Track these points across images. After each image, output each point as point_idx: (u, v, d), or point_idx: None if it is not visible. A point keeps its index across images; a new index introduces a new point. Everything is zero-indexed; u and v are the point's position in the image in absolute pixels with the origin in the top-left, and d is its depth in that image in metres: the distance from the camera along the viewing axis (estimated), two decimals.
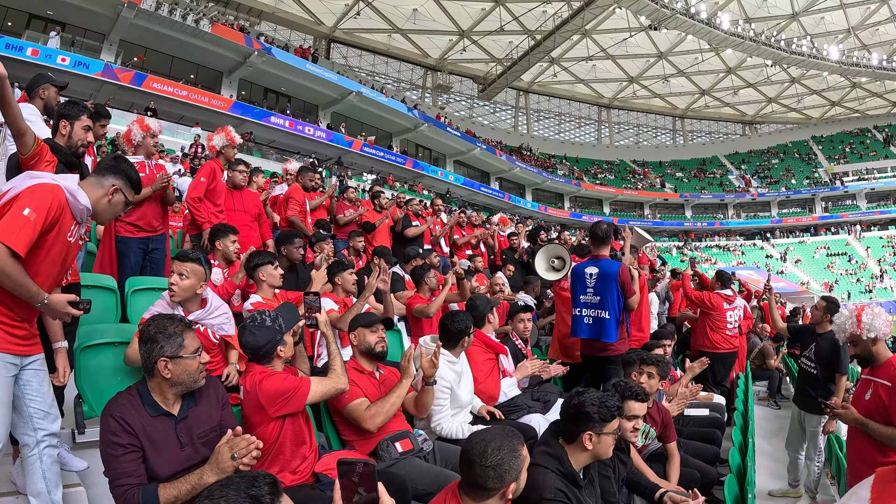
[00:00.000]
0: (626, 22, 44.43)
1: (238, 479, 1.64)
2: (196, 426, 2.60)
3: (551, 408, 4.69)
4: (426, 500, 3.03)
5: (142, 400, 2.50)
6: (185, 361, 2.52)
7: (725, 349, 7.56)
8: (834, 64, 46.96)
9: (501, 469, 2.19)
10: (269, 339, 3.03)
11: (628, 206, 56.37)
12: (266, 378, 2.94)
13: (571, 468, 2.76)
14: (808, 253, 50.85)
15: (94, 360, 3.63)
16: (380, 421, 3.38)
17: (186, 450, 2.53)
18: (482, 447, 2.23)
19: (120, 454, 2.36)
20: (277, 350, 3.07)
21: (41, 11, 26.98)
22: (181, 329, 2.56)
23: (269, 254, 4.75)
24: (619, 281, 5.26)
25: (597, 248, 5.50)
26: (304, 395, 2.99)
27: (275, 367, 3.09)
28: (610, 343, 5.27)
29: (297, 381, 3.02)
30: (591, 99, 58.76)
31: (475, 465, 2.22)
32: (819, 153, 57.78)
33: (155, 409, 2.50)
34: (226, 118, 28.34)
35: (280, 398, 2.91)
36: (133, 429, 2.40)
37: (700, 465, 4.44)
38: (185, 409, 2.59)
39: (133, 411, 2.44)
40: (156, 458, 2.43)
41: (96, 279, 4.78)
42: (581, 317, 5.44)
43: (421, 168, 40.39)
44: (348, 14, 42.07)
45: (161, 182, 5.27)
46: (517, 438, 2.29)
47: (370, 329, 3.70)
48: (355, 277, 5.29)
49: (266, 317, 3.10)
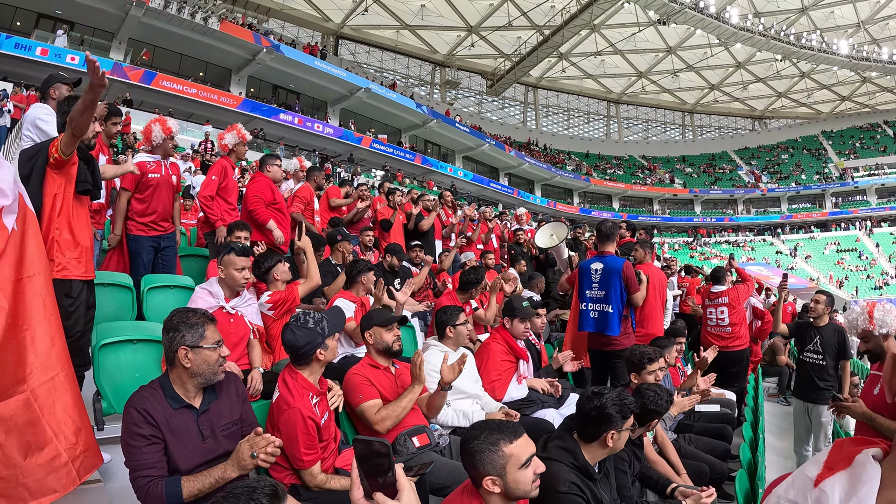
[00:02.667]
0: (634, 17, 44.31)
1: (239, 492, 1.65)
2: (217, 419, 2.62)
3: (565, 402, 4.75)
4: (443, 494, 3.07)
5: (164, 392, 2.53)
6: (205, 352, 2.55)
7: (721, 347, 7.40)
8: (844, 58, 46.67)
9: (474, 458, 2.23)
10: (309, 341, 3.02)
11: (637, 202, 56.25)
12: (290, 415, 2.89)
13: (585, 461, 2.78)
14: (818, 249, 50.56)
15: (112, 357, 3.67)
16: (389, 424, 3.40)
17: (208, 442, 2.55)
18: (468, 434, 2.30)
19: (142, 445, 2.37)
20: (317, 353, 3.05)
21: (49, 11, 27.09)
22: (203, 321, 2.61)
23: (274, 254, 4.86)
24: (622, 276, 5.39)
25: (602, 244, 5.66)
26: (313, 462, 2.95)
27: (313, 371, 3.09)
28: (613, 337, 5.39)
29: (315, 447, 2.96)
30: (599, 94, 58.58)
31: (461, 451, 2.31)
32: (829, 148, 57.43)
33: (177, 401, 2.53)
34: (235, 115, 28.45)
35: (289, 443, 2.87)
36: (156, 420, 2.42)
37: (710, 460, 4.47)
38: (206, 402, 2.62)
39: (155, 403, 2.47)
40: (178, 450, 2.44)
41: (112, 277, 4.84)
42: (587, 311, 5.59)
43: (430, 164, 40.40)
44: (356, 10, 42.13)
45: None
46: (503, 434, 2.28)
47: (386, 328, 3.72)
48: (373, 276, 5.31)
49: (310, 318, 3.09)
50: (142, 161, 5.42)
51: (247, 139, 6.39)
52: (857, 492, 0.91)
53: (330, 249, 6.45)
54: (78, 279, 3.34)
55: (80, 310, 3.32)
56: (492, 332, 5.08)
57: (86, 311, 3.38)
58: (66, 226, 3.30)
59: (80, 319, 3.31)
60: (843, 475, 0.95)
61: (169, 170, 5.56)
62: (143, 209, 5.38)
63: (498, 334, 4.87)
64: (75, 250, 3.33)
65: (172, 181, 5.59)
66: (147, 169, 5.39)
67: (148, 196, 5.39)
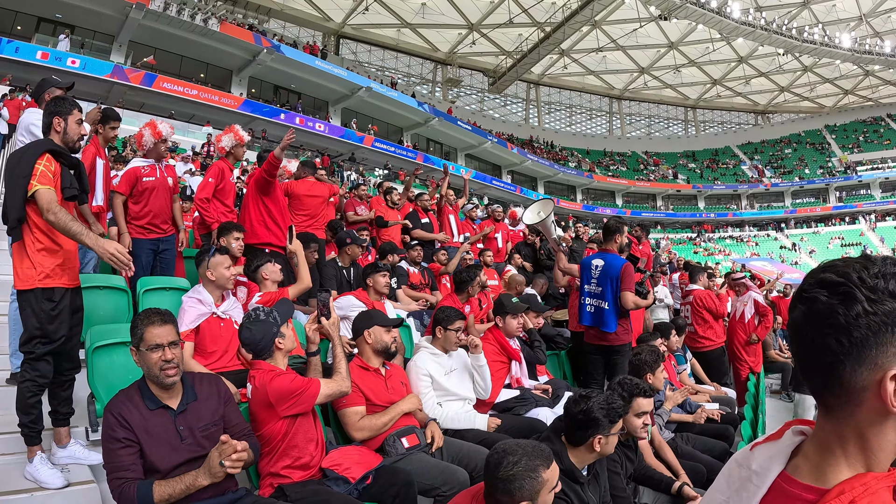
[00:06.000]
0: (635, 12, 44.14)
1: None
2: (196, 420, 2.68)
3: (560, 401, 4.73)
4: (432, 495, 3.08)
5: (141, 394, 2.63)
6: (146, 353, 2.62)
7: (695, 348, 7.56)
8: (846, 52, 46.49)
9: (512, 485, 2.17)
10: (265, 333, 3.12)
11: (641, 198, 56.16)
12: (276, 377, 2.99)
13: (571, 464, 2.78)
14: (823, 243, 50.26)
15: (106, 360, 3.71)
16: (367, 436, 3.43)
17: (187, 442, 2.61)
18: (499, 458, 2.23)
19: (117, 448, 2.46)
20: (276, 342, 3.15)
21: (50, 15, 27.19)
22: (145, 323, 2.68)
23: (263, 254, 4.93)
24: (619, 274, 5.46)
25: (606, 242, 5.77)
26: (312, 396, 3.04)
27: (277, 361, 3.16)
28: (609, 332, 5.45)
29: (306, 381, 3.07)
30: (601, 90, 58.47)
31: (490, 474, 2.23)
32: (832, 142, 57.22)
33: (153, 401, 2.62)
34: (236, 116, 28.50)
35: (289, 398, 2.96)
36: (130, 424, 2.51)
37: (706, 460, 4.47)
38: (184, 402, 2.70)
39: (132, 406, 2.56)
40: (154, 451, 2.52)
41: (107, 280, 4.85)
42: (585, 305, 5.66)
43: (432, 162, 40.27)
44: (357, 10, 42.07)
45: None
46: (542, 459, 2.26)
47: (386, 329, 3.75)
48: (387, 280, 5.39)
49: (260, 312, 3.19)
50: (136, 166, 5.44)
51: (244, 141, 6.37)
52: (772, 457, 1.01)
53: (337, 251, 6.50)
54: (60, 287, 3.35)
55: (64, 314, 3.31)
56: (484, 332, 5.08)
57: (70, 315, 3.38)
58: (47, 233, 3.29)
59: (63, 324, 3.31)
60: (771, 443, 1.04)
61: (164, 172, 5.56)
62: (139, 212, 5.40)
63: (490, 334, 4.88)
64: (58, 257, 3.33)
65: (168, 183, 5.59)
66: (141, 173, 5.40)
67: (144, 199, 5.40)
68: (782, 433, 1.04)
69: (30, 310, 3.24)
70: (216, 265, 3.99)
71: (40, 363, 3.23)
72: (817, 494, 0.93)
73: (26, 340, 3.23)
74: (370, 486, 3.02)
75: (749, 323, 7.97)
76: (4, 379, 4.16)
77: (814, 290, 0.94)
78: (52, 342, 3.26)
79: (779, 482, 0.98)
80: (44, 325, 3.24)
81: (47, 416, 3.44)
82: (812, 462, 0.97)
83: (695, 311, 7.72)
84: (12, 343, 4.16)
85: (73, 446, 3.49)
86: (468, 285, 5.98)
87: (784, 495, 0.97)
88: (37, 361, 3.22)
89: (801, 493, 0.95)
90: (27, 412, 3.22)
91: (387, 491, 2.99)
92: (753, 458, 1.04)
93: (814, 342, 0.94)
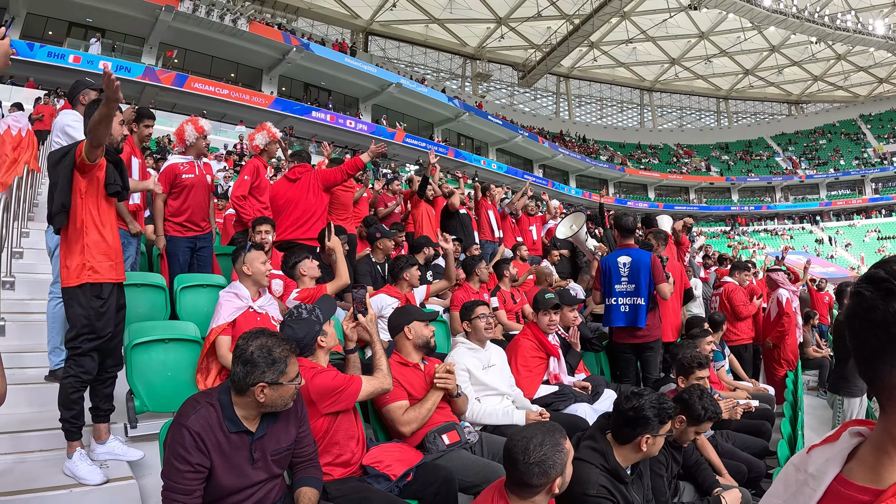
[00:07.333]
0: (665, 2, 43.71)
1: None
2: (274, 443, 2.56)
3: (599, 397, 4.72)
4: (473, 493, 3.05)
5: (223, 412, 2.45)
6: (284, 388, 2.47)
7: (733, 341, 7.43)
8: (880, 39, 45.54)
9: (545, 465, 2.20)
10: (308, 331, 3.12)
11: (673, 191, 55.54)
12: (317, 374, 3.00)
13: (616, 463, 2.75)
14: (859, 236, 49.27)
15: (144, 357, 3.76)
16: (415, 427, 3.42)
17: (257, 466, 2.51)
18: (524, 444, 2.24)
19: (185, 471, 2.31)
20: (318, 341, 3.15)
21: (80, 19, 27.69)
22: (286, 354, 2.49)
23: (302, 249, 4.99)
24: (650, 268, 5.44)
25: (624, 238, 5.77)
26: (354, 394, 3.04)
27: (319, 359, 3.17)
28: (642, 329, 5.44)
29: (348, 379, 3.07)
30: (632, 82, 57.90)
31: (519, 462, 2.23)
32: (868, 132, 55.97)
33: (235, 424, 2.45)
34: (267, 115, 28.56)
35: (331, 395, 2.96)
36: (207, 447, 2.36)
37: (747, 458, 4.42)
38: (264, 425, 2.54)
39: (212, 425, 2.40)
40: (224, 474, 2.40)
41: (144, 277, 4.92)
42: (616, 306, 5.60)
43: (463, 157, 40.35)
44: (384, 6, 42.12)
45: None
46: (559, 432, 2.31)
47: (425, 324, 3.76)
48: (419, 273, 5.43)
49: (303, 310, 3.19)
50: (174, 163, 5.47)
51: (277, 137, 6.39)
52: (828, 459, 1.00)
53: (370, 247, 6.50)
54: (108, 282, 3.37)
55: (111, 311, 3.36)
56: (523, 328, 5.06)
57: (116, 312, 3.42)
58: (94, 227, 3.33)
59: (110, 321, 3.35)
60: (828, 445, 1.02)
61: (203, 170, 5.59)
62: (178, 209, 5.43)
63: (528, 329, 4.86)
64: (106, 252, 3.37)
65: (207, 181, 5.63)
66: (180, 170, 5.43)
67: (183, 197, 5.44)
68: (839, 435, 1.03)
69: (77, 305, 3.28)
70: (252, 260, 4.01)
71: (85, 359, 3.27)
72: (873, 496, 0.91)
73: (73, 336, 3.26)
74: (411, 483, 3.00)
75: (774, 321, 7.85)
76: (43, 376, 4.23)
77: (862, 285, 0.94)
78: (99, 338, 3.30)
79: (835, 485, 0.97)
80: (92, 321, 3.29)
81: (87, 412, 3.46)
82: (867, 463, 0.95)
83: (722, 305, 7.60)
84: (51, 341, 4.23)
85: (112, 442, 3.52)
86: (474, 269, 6.01)
87: (840, 498, 0.96)
88: (82, 357, 3.26)
89: (857, 494, 0.93)
90: (69, 408, 3.24)
91: (427, 488, 2.97)
92: (810, 461, 1.03)
93: (858, 337, 0.93)
